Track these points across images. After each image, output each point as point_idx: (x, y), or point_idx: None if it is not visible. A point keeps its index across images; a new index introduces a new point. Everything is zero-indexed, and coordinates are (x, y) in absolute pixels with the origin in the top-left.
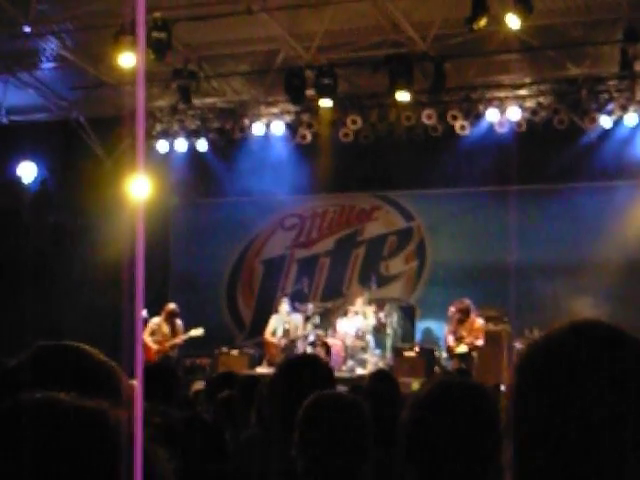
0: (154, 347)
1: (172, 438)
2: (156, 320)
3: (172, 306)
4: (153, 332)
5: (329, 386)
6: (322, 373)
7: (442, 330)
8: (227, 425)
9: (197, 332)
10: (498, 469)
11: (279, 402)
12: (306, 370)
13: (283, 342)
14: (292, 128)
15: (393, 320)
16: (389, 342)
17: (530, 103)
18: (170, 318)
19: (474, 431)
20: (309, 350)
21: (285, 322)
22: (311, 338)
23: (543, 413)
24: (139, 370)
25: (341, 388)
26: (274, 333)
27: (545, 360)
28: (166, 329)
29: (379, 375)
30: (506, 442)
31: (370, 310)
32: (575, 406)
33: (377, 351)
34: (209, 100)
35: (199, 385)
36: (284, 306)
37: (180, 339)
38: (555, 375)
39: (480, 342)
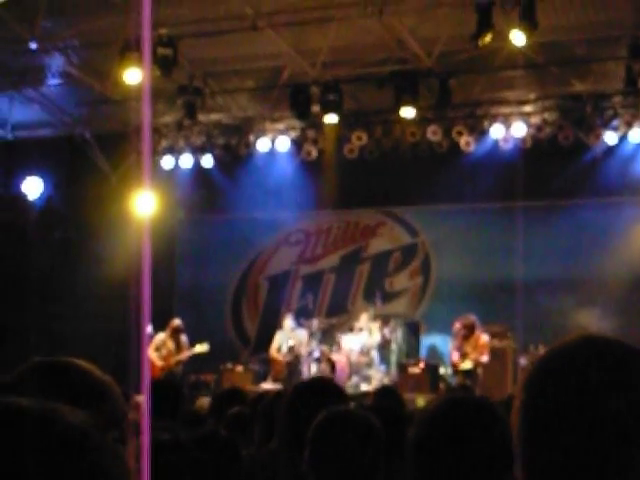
0: (159, 363)
1: (182, 455)
2: (161, 336)
3: (177, 322)
4: (158, 348)
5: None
6: (335, 394)
7: (447, 346)
8: (239, 442)
9: (202, 348)
10: None
11: (291, 420)
12: (320, 391)
13: (288, 358)
14: (297, 144)
15: (398, 336)
16: (394, 358)
17: (535, 119)
18: (175, 334)
19: (483, 447)
20: (314, 367)
21: (290, 338)
22: (316, 354)
23: (553, 431)
24: (145, 386)
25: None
26: (279, 349)
27: (555, 376)
28: (171, 345)
29: (384, 391)
30: (516, 458)
31: (375, 326)
32: (586, 425)
33: (382, 367)
34: (214, 116)
35: (204, 401)
36: (288, 322)
37: (185, 355)
38: (565, 392)
39: (485, 358)
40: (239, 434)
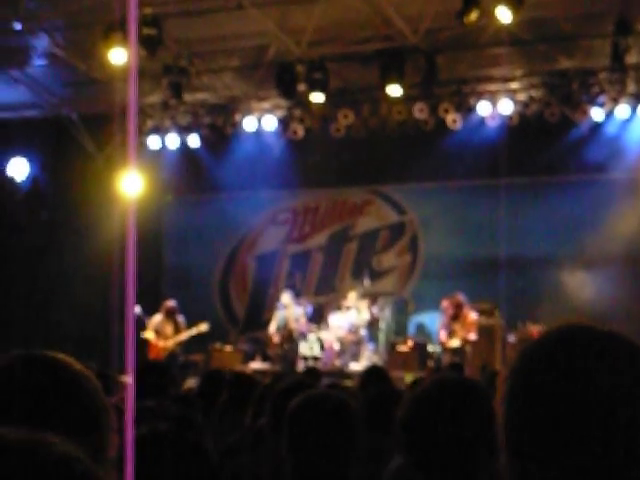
0: (160, 344)
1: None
2: (157, 318)
3: (171, 303)
4: (157, 330)
5: None
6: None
7: (435, 324)
8: (218, 424)
9: (204, 327)
10: (494, 464)
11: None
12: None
13: (281, 336)
14: (284, 123)
15: (386, 314)
16: (382, 336)
17: (521, 96)
18: (171, 315)
19: (470, 427)
20: (302, 345)
21: (287, 316)
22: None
23: (538, 418)
24: (130, 366)
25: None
26: (279, 328)
27: (541, 364)
28: (169, 326)
29: (371, 371)
30: (501, 443)
31: (363, 304)
32: (571, 411)
33: (370, 345)
34: (200, 96)
35: (192, 382)
36: (287, 298)
37: (186, 335)
38: (547, 381)
39: (473, 336)
40: (219, 416)
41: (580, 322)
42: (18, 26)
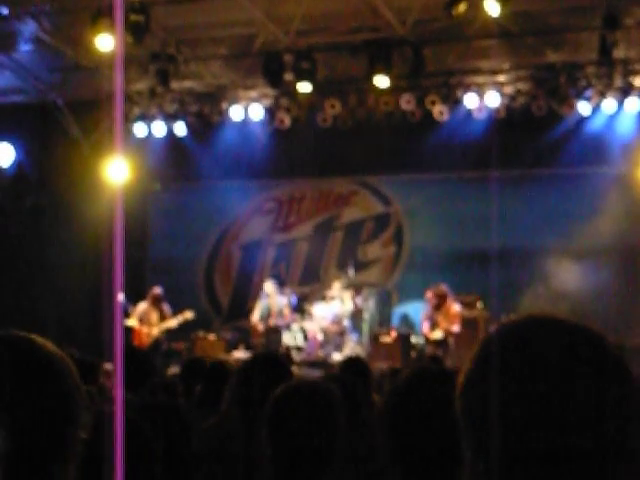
0: (144, 332)
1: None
2: (143, 306)
3: (157, 290)
4: (141, 318)
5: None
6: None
7: (419, 315)
8: (198, 411)
9: (189, 315)
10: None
11: (247, 392)
12: (266, 368)
13: (264, 326)
14: (270, 112)
15: (370, 305)
16: (366, 327)
17: (509, 89)
18: (157, 303)
19: (449, 416)
20: (286, 335)
21: (270, 305)
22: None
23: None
24: (118, 353)
25: (316, 373)
26: (262, 318)
27: (498, 356)
28: (154, 314)
29: (350, 362)
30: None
31: (347, 295)
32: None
33: (354, 336)
34: (187, 84)
35: (174, 370)
36: (270, 287)
37: (173, 323)
38: (509, 373)
39: (456, 328)
40: (199, 403)
41: (543, 314)
42: (5, 11)
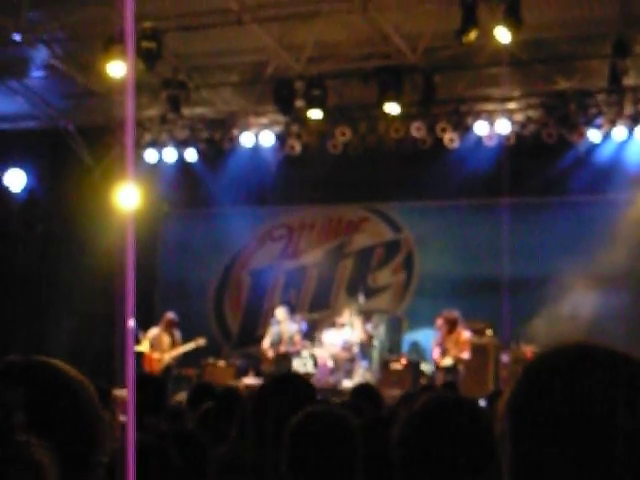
0: (155, 357)
1: (163, 452)
2: (155, 331)
3: (171, 315)
4: (152, 344)
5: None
6: (305, 392)
7: (429, 342)
8: (207, 438)
9: (201, 341)
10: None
11: (267, 418)
12: (289, 388)
13: (274, 352)
14: (281, 139)
15: (380, 332)
16: (376, 354)
17: (519, 116)
18: (169, 328)
19: (467, 446)
20: (296, 361)
21: (281, 332)
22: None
23: (539, 438)
24: (130, 378)
25: (333, 400)
26: (272, 344)
27: (546, 383)
28: (166, 340)
29: (361, 389)
30: (502, 456)
31: (357, 322)
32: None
33: (364, 363)
34: (198, 110)
35: (182, 395)
36: (282, 313)
37: (184, 349)
38: (556, 401)
39: (466, 355)
40: (208, 430)
41: (579, 341)
42: (17, 37)
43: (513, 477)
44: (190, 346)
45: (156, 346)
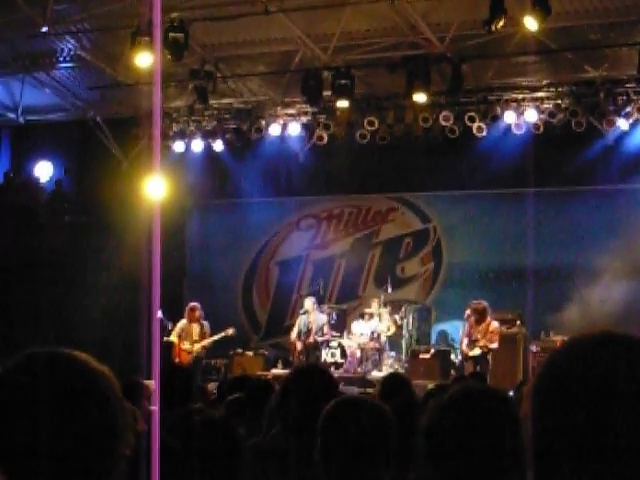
0: (185, 348)
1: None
2: (183, 322)
3: (192, 304)
4: (180, 335)
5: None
6: (327, 384)
7: (458, 332)
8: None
9: (231, 331)
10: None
11: (290, 411)
12: (311, 381)
13: (303, 343)
14: (309, 129)
15: (409, 322)
16: (404, 344)
17: (548, 105)
18: (196, 319)
19: (494, 437)
20: (324, 351)
21: (310, 322)
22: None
23: (564, 428)
24: (156, 370)
25: (355, 390)
26: (300, 334)
27: (569, 373)
28: (195, 330)
29: (392, 379)
30: (527, 448)
31: (386, 312)
32: (604, 422)
33: (392, 353)
34: (226, 101)
35: (212, 386)
36: (310, 304)
37: (213, 339)
38: (584, 388)
39: (494, 345)
40: (239, 420)
41: (604, 329)
42: (45, 29)
43: (533, 455)
44: (220, 336)
45: (185, 337)
